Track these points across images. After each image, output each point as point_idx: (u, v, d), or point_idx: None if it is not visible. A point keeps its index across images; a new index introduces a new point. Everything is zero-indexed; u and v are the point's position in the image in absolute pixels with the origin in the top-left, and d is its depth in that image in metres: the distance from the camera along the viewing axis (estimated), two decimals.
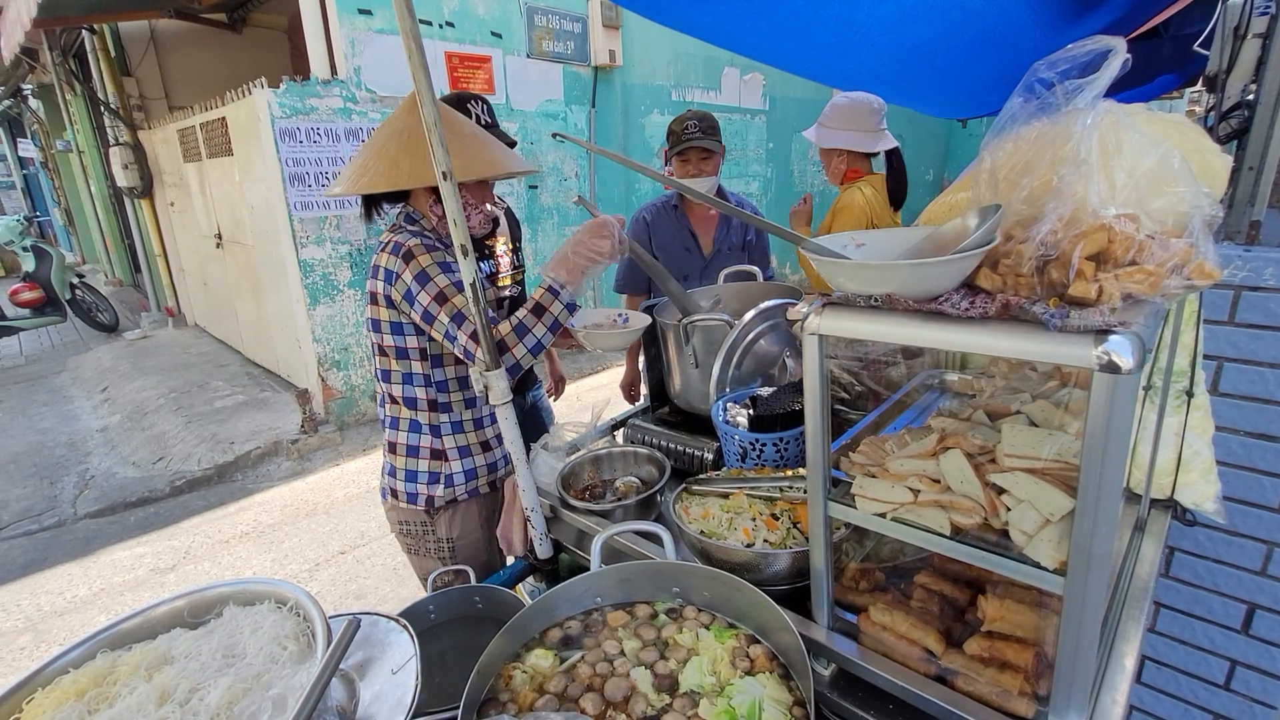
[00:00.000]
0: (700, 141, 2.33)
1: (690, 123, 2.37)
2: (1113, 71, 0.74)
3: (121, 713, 0.73)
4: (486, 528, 1.70)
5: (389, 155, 1.43)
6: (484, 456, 1.67)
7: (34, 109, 11.27)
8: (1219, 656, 1.52)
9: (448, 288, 1.41)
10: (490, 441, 1.69)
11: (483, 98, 2.14)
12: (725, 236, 2.51)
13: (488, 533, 1.70)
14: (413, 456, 1.62)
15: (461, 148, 1.43)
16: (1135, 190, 0.76)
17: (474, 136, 1.51)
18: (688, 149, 2.35)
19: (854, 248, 0.90)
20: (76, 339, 7.96)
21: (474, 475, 1.65)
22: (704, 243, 2.49)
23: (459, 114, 1.54)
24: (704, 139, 2.34)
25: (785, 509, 1.21)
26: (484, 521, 1.69)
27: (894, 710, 0.93)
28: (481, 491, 1.68)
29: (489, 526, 1.70)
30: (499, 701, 0.89)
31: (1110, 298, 0.68)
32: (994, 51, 1.65)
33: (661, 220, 2.49)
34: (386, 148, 1.44)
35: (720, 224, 2.50)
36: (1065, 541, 0.72)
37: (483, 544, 1.70)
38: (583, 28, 6.02)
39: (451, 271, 1.45)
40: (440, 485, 1.62)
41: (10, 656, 2.78)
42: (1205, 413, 1.25)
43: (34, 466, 4.55)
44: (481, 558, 1.70)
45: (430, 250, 1.45)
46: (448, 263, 1.46)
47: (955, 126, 10.90)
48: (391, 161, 1.42)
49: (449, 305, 1.40)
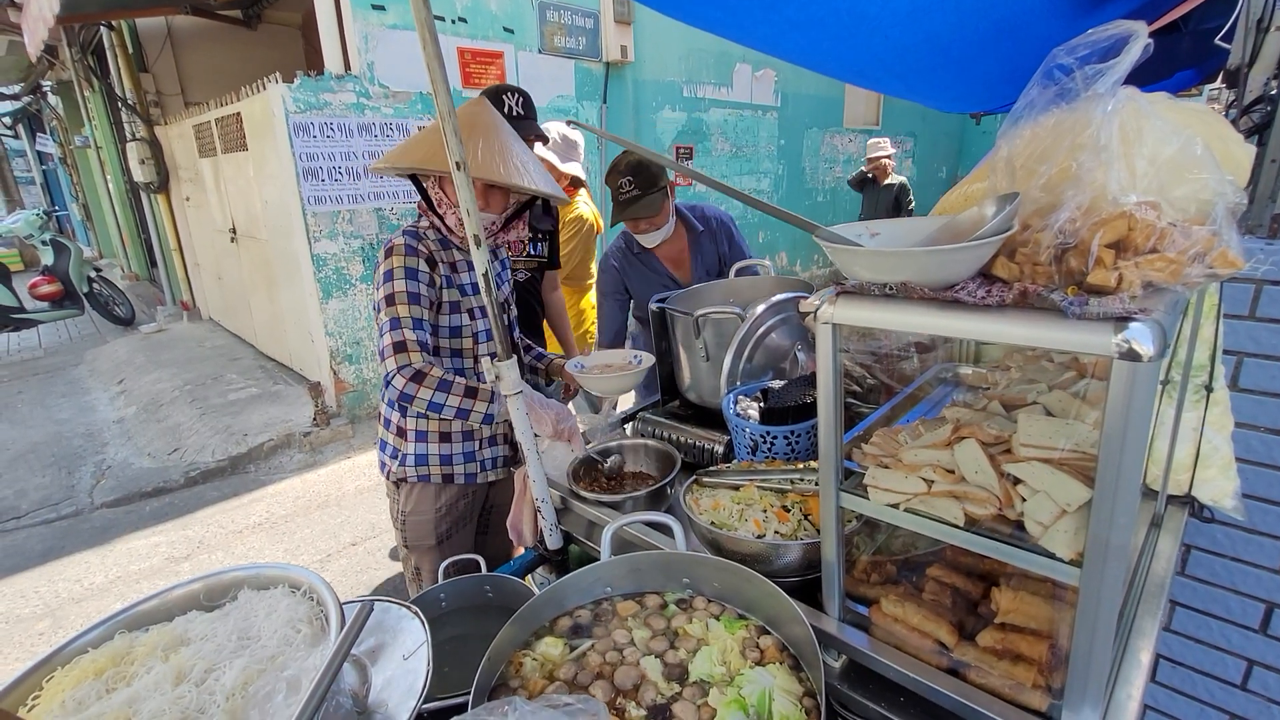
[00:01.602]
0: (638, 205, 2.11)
1: (624, 180, 2.11)
2: (1134, 56, 0.72)
3: (139, 692, 0.74)
4: (441, 516, 1.71)
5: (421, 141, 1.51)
6: (439, 446, 1.66)
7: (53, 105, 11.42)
8: (1236, 656, 1.49)
9: (399, 294, 1.48)
10: (453, 435, 1.67)
11: (522, 90, 2.21)
12: (700, 263, 2.35)
13: (442, 522, 1.71)
14: (385, 429, 1.72)
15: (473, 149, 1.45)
16: (1156, 178, 0.75)
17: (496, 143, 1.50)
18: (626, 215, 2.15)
19: (868, 236, 0.89)
20: (94, 332, 8.07)
21: (424, 461, 1.66)
22: (681, 276, 2.34)
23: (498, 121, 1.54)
24: (641, 196, 2.11)
25: (796, 501, 1.20)
26: (438, 509, 1.70)
27: (905, 702, 0.92)
28: (432, 480, 1.68)
29: (444, 517, 1.71)
30: (509, 688, 0.90)
31: (1130, 285, 0.67)
32: (1008, 43, 1.63)
33: (631, 265, 2.34)
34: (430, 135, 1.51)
35: (694, 255, 2.34)
36: (1082, 533, 0.71)
37: (430, 528, 1.71)
38: (595, 23, 6.01)
39: (415, 279, 1.50)
40: (396, 461, 1.68)
41: (29, 641, 2.83)
42: (1225, 408, 1.23)
43: (52, 456, 4.62)
44: (429, 542, 1.71)
45: (409, 253, 1.51)
46: (414, 269, 1.51)
47: (969, 124, 10.79)
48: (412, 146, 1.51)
49: (390, 309, 1.48)
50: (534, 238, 2.37)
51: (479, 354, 1.65)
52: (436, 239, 1.60)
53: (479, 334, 1.64)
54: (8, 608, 3.06)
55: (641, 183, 2.11)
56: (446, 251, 1.61)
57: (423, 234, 1.58)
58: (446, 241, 1.62)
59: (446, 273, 1.59)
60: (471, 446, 1.69)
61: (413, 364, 1.46)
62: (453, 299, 1.60)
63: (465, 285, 1.63)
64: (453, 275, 1.60)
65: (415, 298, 1.49)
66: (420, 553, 1.73)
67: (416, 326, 1.49)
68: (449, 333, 1.61)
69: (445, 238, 1.62)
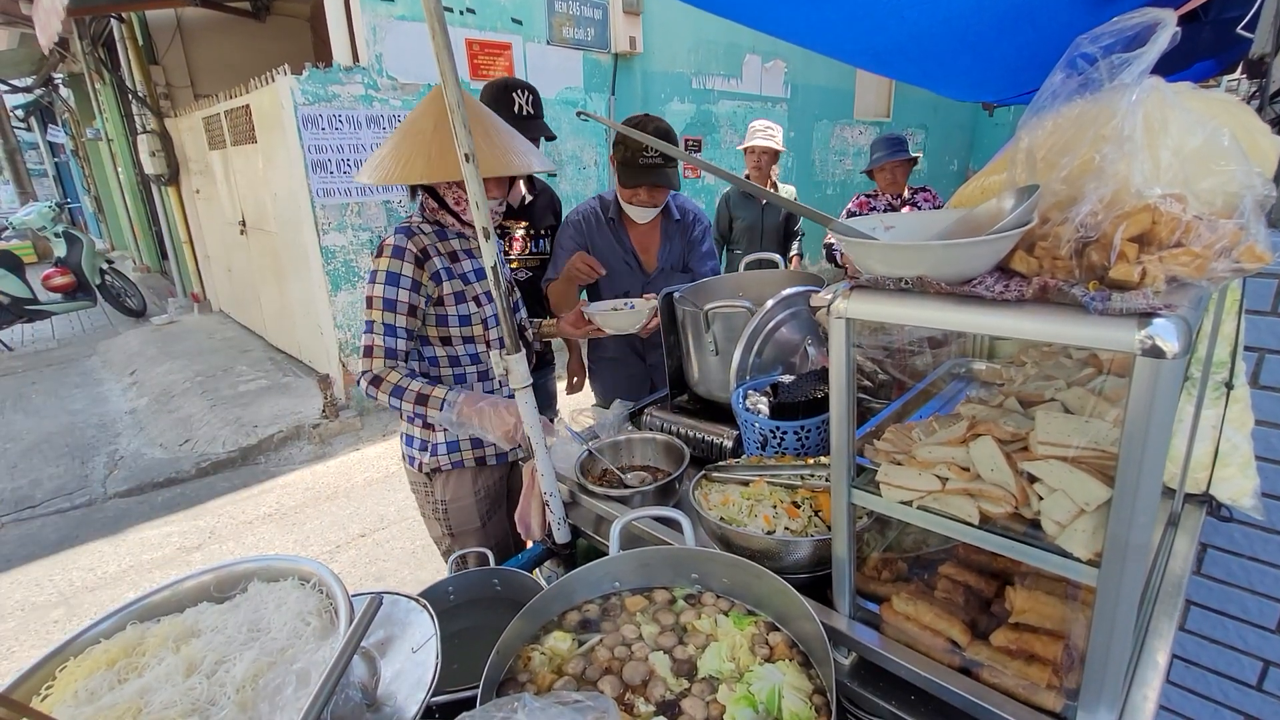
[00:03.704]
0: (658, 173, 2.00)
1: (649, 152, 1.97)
2: (1161, 45, 0.70)
3: (150, 683, 0.74)
4: (481, 499, 1.78)
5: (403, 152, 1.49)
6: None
7: (64, 98, 11.50)
8: (1252, 657, 1.48)
9: (376, 298, 1.52)
10: None
11: (530, 87, 2.14)
12: (668, 255, 2.26)
13: (483, 503, 1.78)
14: (409, 423, 1.75)
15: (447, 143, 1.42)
16: (1182, 170, 0.73)
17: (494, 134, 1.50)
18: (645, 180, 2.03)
19: (883, 230, 0.88)
20: (106, 323, 8.14)
21: (456, 448, 1.71)
22: (646, 260, 2.24)
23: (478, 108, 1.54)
24: (663, 165, 2.00)
25: (807, 497, 1.19)
26: (476, 491, 1.76)
27: (915, 701, 0.92)
28: (467, 464, 1.73)
29: (484, 499, 1.78)
30: (518, 682, 0.89)
31: (1154, 280, 0.65)
32: (1027, 29, 1.60)
33: (599, 233, 2.21)
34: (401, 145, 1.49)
35: (664, 242, 2.25)
36: (1100, 532, 0.70)
37: (474, 511, 1.77)
38: (603, 14, 5.97)
39: (395, 285, 1.52)
40: (428, 454, 1.72)
41: (44, 629, 2.87)
42: (1245, 405, 1.21)
43: (66, 447, 4.68)
44: (474, 524, 1.77)
45: (394, 256, 1.53)
46: (397, 275, 1.53)
47: (981, 116, 10.65)
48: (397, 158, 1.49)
49: (368, 311, 1.53)
50: (539, 234, 2.35)
51: (490, 339, 1.67)
52: (434, 230, 1.61)
53: (488, 319, 1.66)
54: (24, 596, 3.10)
55: (666, 156, 2.00)
56: (444, 242, 1.62)
57: (416, 229, 1.58)
58: (445, 232, 1.63)
59: (444, 265, 1.59)
60: (455, 444, 1.72)
61: (372, 369, 1.51)
62: (455, 290, 1.61)
63: (468, 273, 1.64)
64: (452, 266, 1.61)
65: (391, 304, 1.52)
66: (466, 536, 1.79)
67: (387, 333, 1.52)
68: (459, 322, 1.63)
69: (443, 228, 1.63)
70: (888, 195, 3.64)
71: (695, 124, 7.01)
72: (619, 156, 2.07)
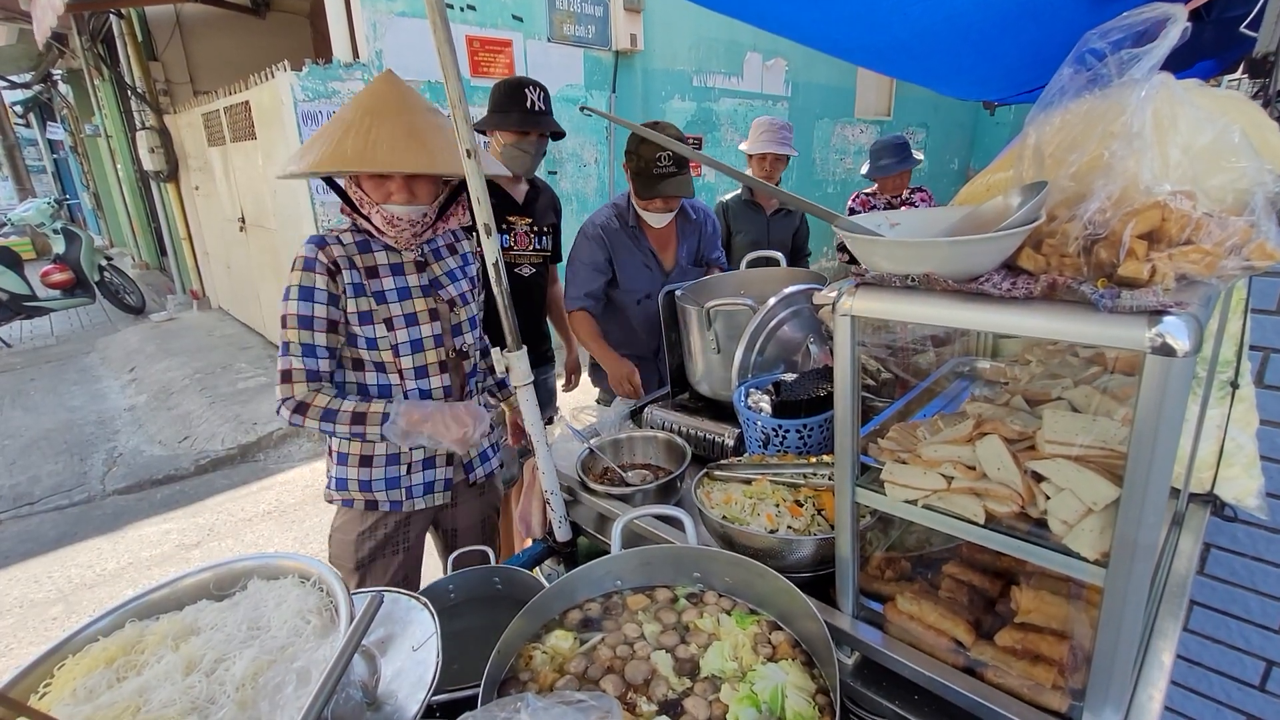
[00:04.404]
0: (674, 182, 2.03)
1: (663, 154, 2.01)
2: (1172, 40, 0.70)
3: (149, 681, 0.73)
4: (363, 541, 1.57)
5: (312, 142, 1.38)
6: (359, 471, 1.52)
7: (63, 94, 11.47)
8: (1255, 657, 1.47)
9: (290, 315, 1.37)
10: (374, 459, 1.52)
11: (541, 84, 2.18)
12: (685, 251, 2.35)
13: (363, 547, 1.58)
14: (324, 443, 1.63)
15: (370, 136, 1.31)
16: (1191, 167, 0.72)
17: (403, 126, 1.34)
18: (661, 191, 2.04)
19: (888, 227, 0.87)
20: (105, 320, 8.13)
21: (344, 485, 1.54)
22: (664, 259, 2.31)
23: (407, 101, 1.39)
24: (678, 173, 2.04)
25: (809, 495, 1.19)
26: (361, 533, 1.57)
27: (919, 701, 0.91)
28: (355, 505, 1.55)
29: (366, 544, 1.58)
30: (519, 680, 0.89)
31: (1163, 278, 0.65)
32: (1030, 26, 1.59)
33: (619, 240, 2.24)
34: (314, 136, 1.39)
35: (680, 241, 2.33)
36: (1108, 532, 0.69)
37: (350, 551, 1.58)
38: (604, 11, 5.96)
39: (309, 299, 1.37)
40: (327, 481, 1.60)
41: (42, 626, 2.86)
42: (1250, 405, 1.20)
43: (65, 443, 4.67)
44: (348, 565, 1.59)
45: (305, 268, 1.38)
46: (310, 288, 1.38)
47: (982, 115, 10.64)
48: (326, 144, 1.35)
49: (282, 332, 1.38)
50: (541, 231, 2.36)
51: (403, 368, 1.47)
52: (357, 240, 1.45)
53: (399, 346, 1.46)
54: (22, 592, 3.10)
55: (679, 159, 2.05)
56: (366, 255, 1.45)
57: (331, 239, 1.42)
58: (370, 243, 1.46)
59: (357, 280, 1.42)
60: (397, 471, 1.53)
61: (295, 395, 1.37)
62: (363, 308, 1.43)
63: (385, 292, 1.45)
64: (367, 282, 1.43)
65: (307, 321, 1.37)
66: (345, 574, 1.59)
67: (306, 353, 1.38)
68: (366, 344, 1.45)
69: (370, 239, 1.47)
70: (887, 195, 3.64)
71: (696, 122, 7.00)
72: (633, 167, 2.13)
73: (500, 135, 2.15)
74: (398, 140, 1.31)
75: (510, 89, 2.14)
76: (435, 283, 1.54)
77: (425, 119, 1.38)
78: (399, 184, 1.38)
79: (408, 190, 1.39)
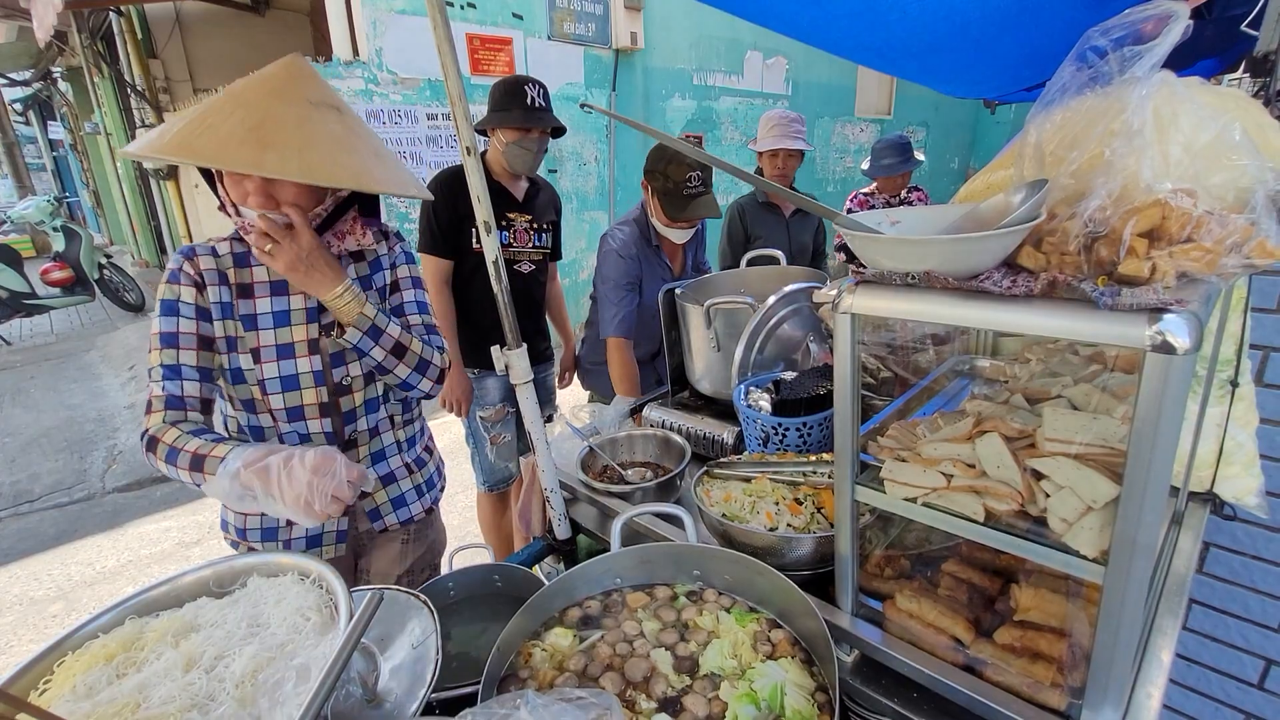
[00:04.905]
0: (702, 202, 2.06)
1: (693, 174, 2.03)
2: (1174, 38, 0.70)
3: (149, 678, 0.74)
4: None
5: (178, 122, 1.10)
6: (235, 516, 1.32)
7: (63, 92, 11.44)
8: (1254, 655, 1.47)
9: (154, 335, 1.19)
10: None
11: (540, 82, 2.18)
12: (690, 259, 2.44)
13: None
14: None
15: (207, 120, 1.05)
16: (1192, 164, 0.72)
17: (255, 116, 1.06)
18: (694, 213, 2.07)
19: (889, 225, 0.87)
20: (104, 318, 8.12)
21: (225, 526, 1.36)
22: (675, 267, 2.37)
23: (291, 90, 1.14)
24: (705, 191, 2.08)
25: (809, 494, 1.19)
26: None
27: (918, 699, 0.91)
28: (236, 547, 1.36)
29: None
30: (519, 678, 0.89)
31: (1164, 276, 0.65)
32: (1030, 24, 1.59)
33: (645, 257, 2.24)
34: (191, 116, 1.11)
35: (686, 250, 2.41)
36: (1107, 530, 0.69)
37: None
38: (604, 9, 5.95)
39: (173, 314, 1.18)
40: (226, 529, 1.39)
41: (42, 623, 2.86)
42: (1249, 404, 1.20)
43: (64, 441, 4.67)
44: None
45: (170, 281, 1.20)
46: (174, 302, 1.19)
47: (983, 113, 10.63)
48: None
49: (149, 355, 1.19)
50: (540, 228, 2.36)
51: (274, 408, 1.24)
52: (236, 253, 1.23)
53: (267, 383, 1.22)
54: (22, 590, 3.10)
55: (706, 178, 2.06)
56: (243, 269, 1.23)
57: (204, 250, 1.22)
58: (247, 257, 1.23)
59: (226, 298, 1.21)
60: (272, 521, 1.31)
61: (149, 428, 1.14)
62: (230, 333, 1.21)
63: (258, 316, 1.22)
64: (237, 302, 1.22)
65: (170, 339, 1.17)
66: None
67: (168, 375, 1.17)
68: (232, 377, 1.23)
69: (248, 252, 1.24)
70: (885, 194, 3.65)
71: (696, 120, 6.99)
72: (659, 187, 2.09)
73: (501, 134, 2.14)
74: (235, 131, 1.03)
75: (510, 87, 2.14)
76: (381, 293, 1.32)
77: (299, 111, 1.10)
78: (255, 185, 1.10)
79: (264, 194, 1.10)
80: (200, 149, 1.03)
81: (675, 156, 2.06)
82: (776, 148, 2.82)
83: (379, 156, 1.17)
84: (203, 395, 1.20)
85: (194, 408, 1.18)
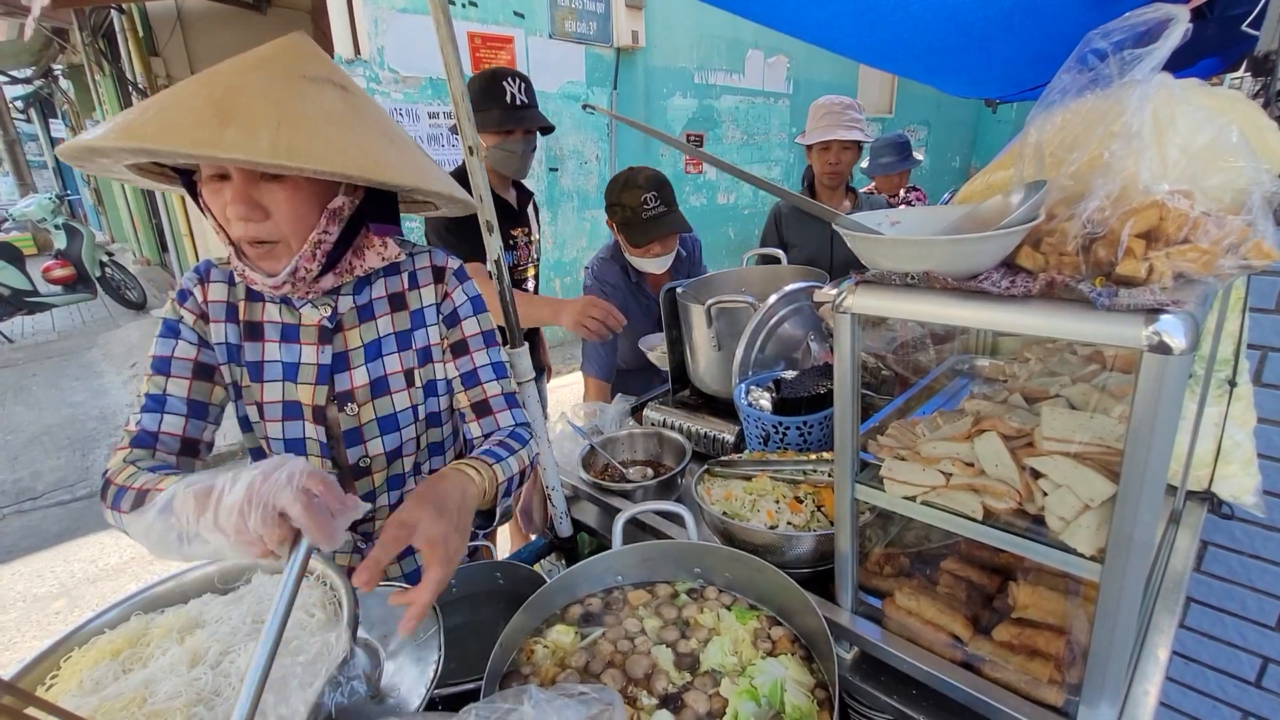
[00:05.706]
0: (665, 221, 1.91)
1: (647, 195, 1.87)
2: (1174, 41, 0.70)
3: (155, 673, 0.74)
4: None
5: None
6: None
7: (64, 89, 11.45)
8: (1251, 653, 1.48)
9: (148, 359, 1.03)
10: None
11: (522, 75, 1.96)
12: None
13: None
14: None
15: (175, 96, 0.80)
16: (1189, 166, 0.72)
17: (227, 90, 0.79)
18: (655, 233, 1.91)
19: (889, 225, 0.88)
20: (106, 316, 8.14)
21: None
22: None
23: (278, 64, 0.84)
24: (668, 211, 1.92)
25: (809, 492, 1.19)
26: None
27: (917, 695, 0.92)
28: None
29: None
30: (521, 675, 0.90)
31: (1161, 276, 0.65)
32: (1032, 25, 1.60)
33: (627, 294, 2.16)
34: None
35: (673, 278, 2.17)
36: (1104, 528, 0.70)
37: None
38: (605, 8, 5.95)
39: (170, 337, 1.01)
40: None
41: (45, 620, 2.88)
42: (1247, 403, 1.21)
43: (67, 439, 4.68)
44: None
45: (179, 300, 1.03)
46: (174, 323, 1.02)
47: (984, 113, 10.61)
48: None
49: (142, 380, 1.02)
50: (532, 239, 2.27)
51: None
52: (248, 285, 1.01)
53: (270, 442, 1.06)
54: (25, 587, 3.11)
55: (665, 196, 1.91)
56: (254, 304, 1.04)
57: (220, 275, 1.03)
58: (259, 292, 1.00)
59: (234, 339, 1.02)
60: None
61: (107, 469, 0.92)
62: (236, 379, 1.04)
63: (263, 365, 1.03)
64: (245, 344, 1.03)
65: (163, 364, 0.99)
66: None
67: (148, 407, 0.98)
68: (240, 425, 1.08)
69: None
70: (883, 194, 3.65)
71: (697, 119, 6.99)
72: (619, 218, 1.98)
73: (482, 138, 1.88)
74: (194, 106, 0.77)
75: (485, 83, 1.89)
76: (342, 361, 1.04)
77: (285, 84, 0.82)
78: (235, 188, 0.85)
79: (246, 200, 0.85)
80: (139, 129, 0.76)
81: (628, 182, 1.93)
82: (829, 139, 2.35)
83: (393, 141, 0.90)
84: (185, 434, 0.99)
85: (168, 448, 0.97)
